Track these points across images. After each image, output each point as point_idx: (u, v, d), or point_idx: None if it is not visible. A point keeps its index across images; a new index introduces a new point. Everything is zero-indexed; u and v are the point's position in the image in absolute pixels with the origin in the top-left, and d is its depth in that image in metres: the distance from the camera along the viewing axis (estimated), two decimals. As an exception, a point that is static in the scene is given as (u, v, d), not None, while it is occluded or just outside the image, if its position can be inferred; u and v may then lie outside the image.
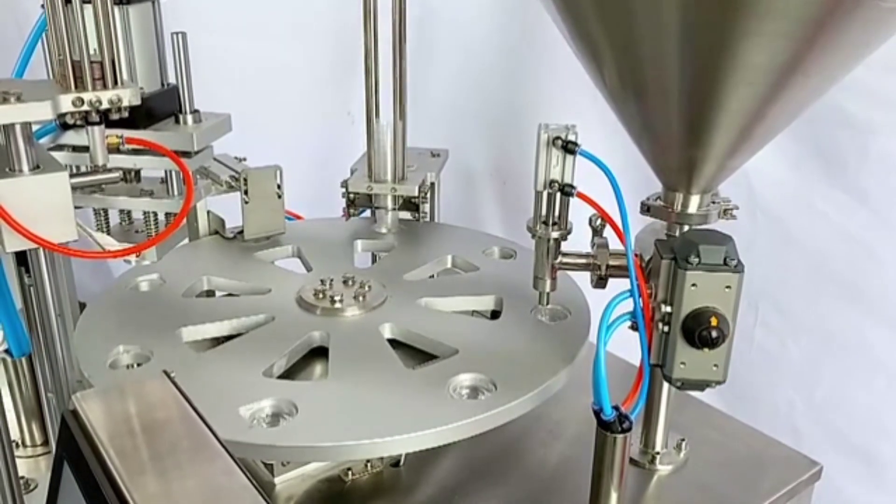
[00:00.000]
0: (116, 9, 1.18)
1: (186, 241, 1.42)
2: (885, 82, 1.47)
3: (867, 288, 1.65)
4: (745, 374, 1.76)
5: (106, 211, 1.39)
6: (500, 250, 1.38)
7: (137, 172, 1.38)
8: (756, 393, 1.80)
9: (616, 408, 0.94)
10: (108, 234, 1.38)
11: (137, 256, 1.24)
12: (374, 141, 1.42)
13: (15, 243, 0.93)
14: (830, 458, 1.19)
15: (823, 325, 1.71)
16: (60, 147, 1.28)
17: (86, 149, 1.16)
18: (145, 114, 1.26)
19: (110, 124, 1.04)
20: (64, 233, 0.96)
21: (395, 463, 1.11)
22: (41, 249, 0.98)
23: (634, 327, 0.96)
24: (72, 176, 0.97)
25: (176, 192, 1.34)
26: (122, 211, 1.44)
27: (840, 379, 1.72)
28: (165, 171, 1.34)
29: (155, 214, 1.38)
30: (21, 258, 1.03)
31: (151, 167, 1.31)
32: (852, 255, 1.64)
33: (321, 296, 1.17)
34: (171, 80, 1.34)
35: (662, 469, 1.12)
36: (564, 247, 1.07)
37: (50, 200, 0.94)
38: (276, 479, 1.07)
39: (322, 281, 1.20)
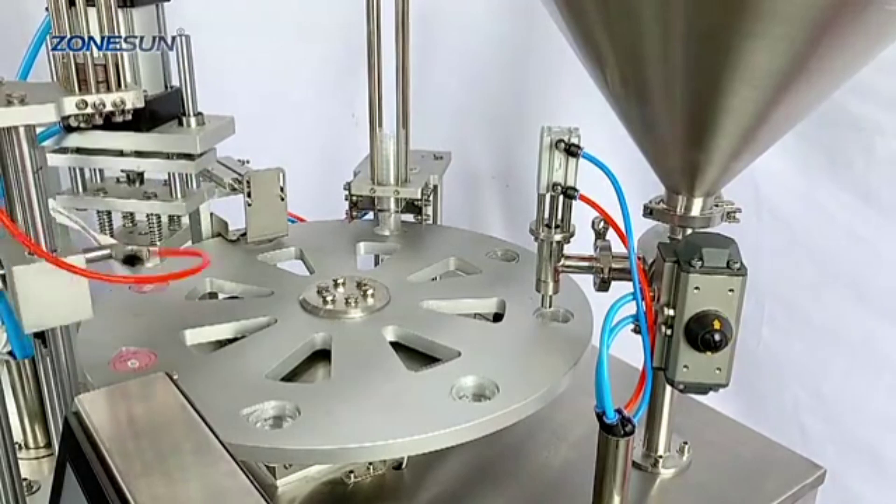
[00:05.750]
0: (120, 11, 1.18)
1: (190, 243, 1.42)
2: (891, 83, 1.47)
3: (873, 287, 1.65)
4: (752, 372, 1.76)
5: (109, 213, 1.40)
6: (503, 252, 1.38)
7: (141, 175, 1.38)
8: (763, 391, 1.80)
9: (619, 411, 0.94)
10: (112, 236, 1.38)
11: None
12: (377, 149, 1.42)
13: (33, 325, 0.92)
14: (837, 456, 1.19)
15: (830, 324, 1.71)
16: (64, 150, 1.28)
17: (89, 151, 1.17)
18: (149, 116, 1.26)
19: (113, 127, 1.04)
20: (78, 312, 0.93)
21: (398, 465, 1.11)
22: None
23: (637, 330, 0.96)
24: (84, 251, 0.95)
25: (179, 195, 1.34)
26: (125, 213, 1.44)
27: (847, 377, 1.72)
28: (168, 174, 1.34)
29: (158, 217, 1.38)
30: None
31: (155, 170, 1.32)
32: (859, 255, 1.65)
33: (324, 298, 1.17)
34: (175, 82, 1.34)
35: (665, 472, 1.12)
36: (567, 249, 1.07)
37: (66, 282, 0.92)
38: (279, 482, 1.07)
39: (325, 283, 1.20)
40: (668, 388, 1.07)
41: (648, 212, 1.06)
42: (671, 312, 0.91)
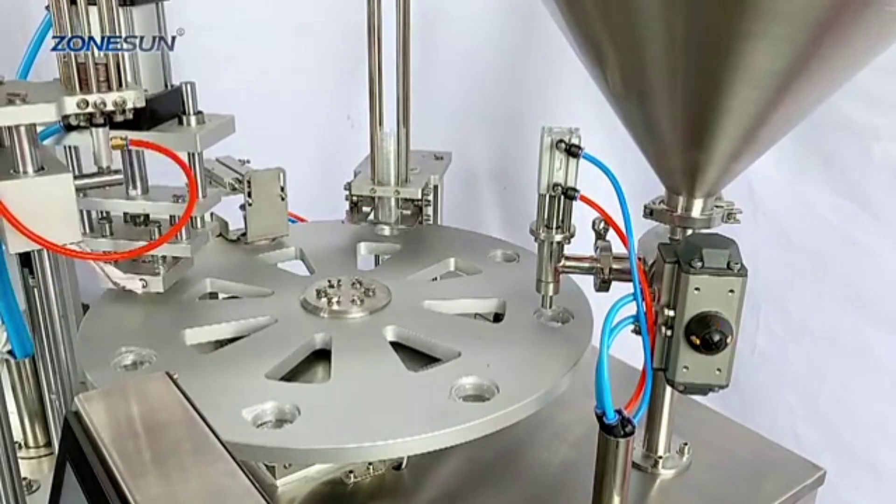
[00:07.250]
0: (121, 10, 1.18)
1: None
2: (888, 87, 1.47)
3: (870, 292, 1.64)
4: (747, 378, 1.76)
5: (109, 213, 1.39)
6: (503, 254, 1.38)
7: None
8: (758, 397, 1.79)
9: (619, 411, 0.94)
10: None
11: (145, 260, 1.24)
12: (378, 148, 1.42)
13: (18, 244, 0.93)
14: (833, 464, 1.18)
15: (826, 330, 1.71)
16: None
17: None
18: (149, 115, 1.26)
19: (114, 126, 1.04)
20: (68, 234, 0.96)
21: (397, 466, 1.11)
22: (45, 251, 0.98)
23: (637, 331, 0.96)
24: (76, 177, 0.97)
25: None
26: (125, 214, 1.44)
27: (842, 383, 1.72)
28: (169, 173, 1.34)
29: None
30: (25, 260, 1.03)
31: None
32: (855, 260, 1.64)
33: (324, 298, 1.17)
34: (175, 81, 1.34)
35: (665, 473, 1.12)
36: (567, 250, 1.07)
37: (54, 202, 0.94)
38: (279, 482, 1.07)
39: (325, 283, 1.20)
40: (669, 389, 1.07)
41: (648, 212, 1.06)
42: (671, 313, 0.91)
